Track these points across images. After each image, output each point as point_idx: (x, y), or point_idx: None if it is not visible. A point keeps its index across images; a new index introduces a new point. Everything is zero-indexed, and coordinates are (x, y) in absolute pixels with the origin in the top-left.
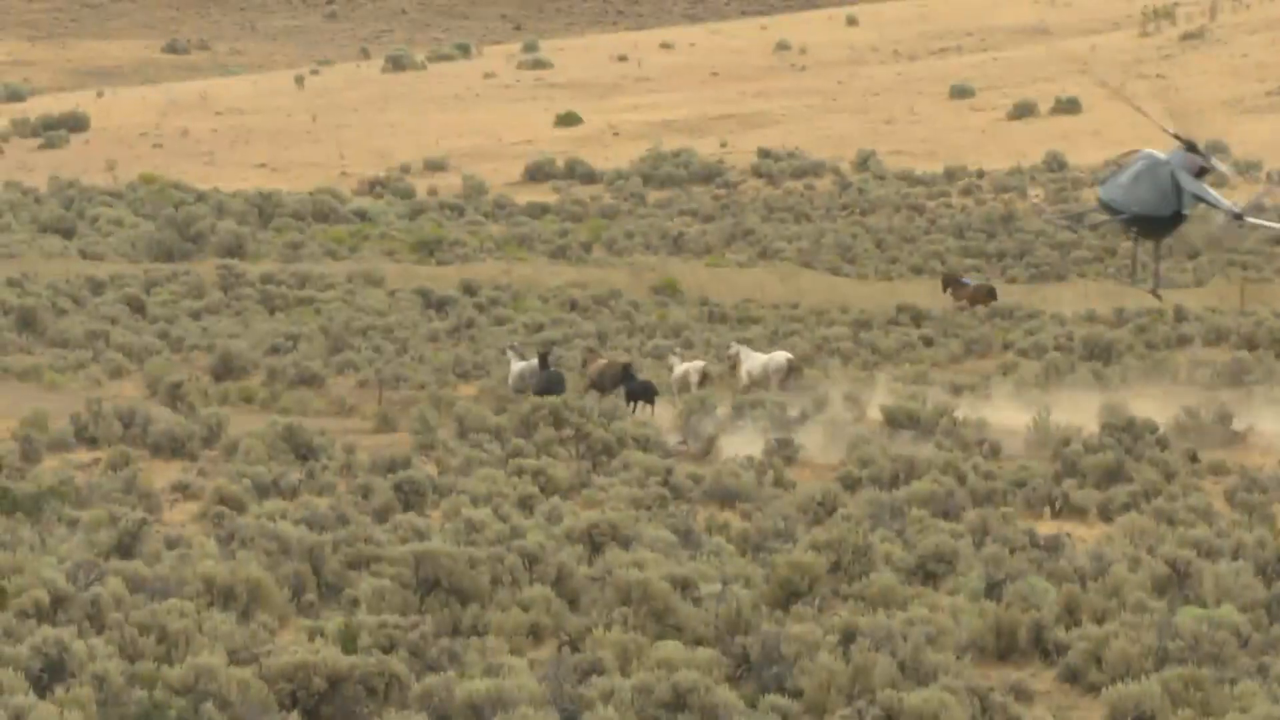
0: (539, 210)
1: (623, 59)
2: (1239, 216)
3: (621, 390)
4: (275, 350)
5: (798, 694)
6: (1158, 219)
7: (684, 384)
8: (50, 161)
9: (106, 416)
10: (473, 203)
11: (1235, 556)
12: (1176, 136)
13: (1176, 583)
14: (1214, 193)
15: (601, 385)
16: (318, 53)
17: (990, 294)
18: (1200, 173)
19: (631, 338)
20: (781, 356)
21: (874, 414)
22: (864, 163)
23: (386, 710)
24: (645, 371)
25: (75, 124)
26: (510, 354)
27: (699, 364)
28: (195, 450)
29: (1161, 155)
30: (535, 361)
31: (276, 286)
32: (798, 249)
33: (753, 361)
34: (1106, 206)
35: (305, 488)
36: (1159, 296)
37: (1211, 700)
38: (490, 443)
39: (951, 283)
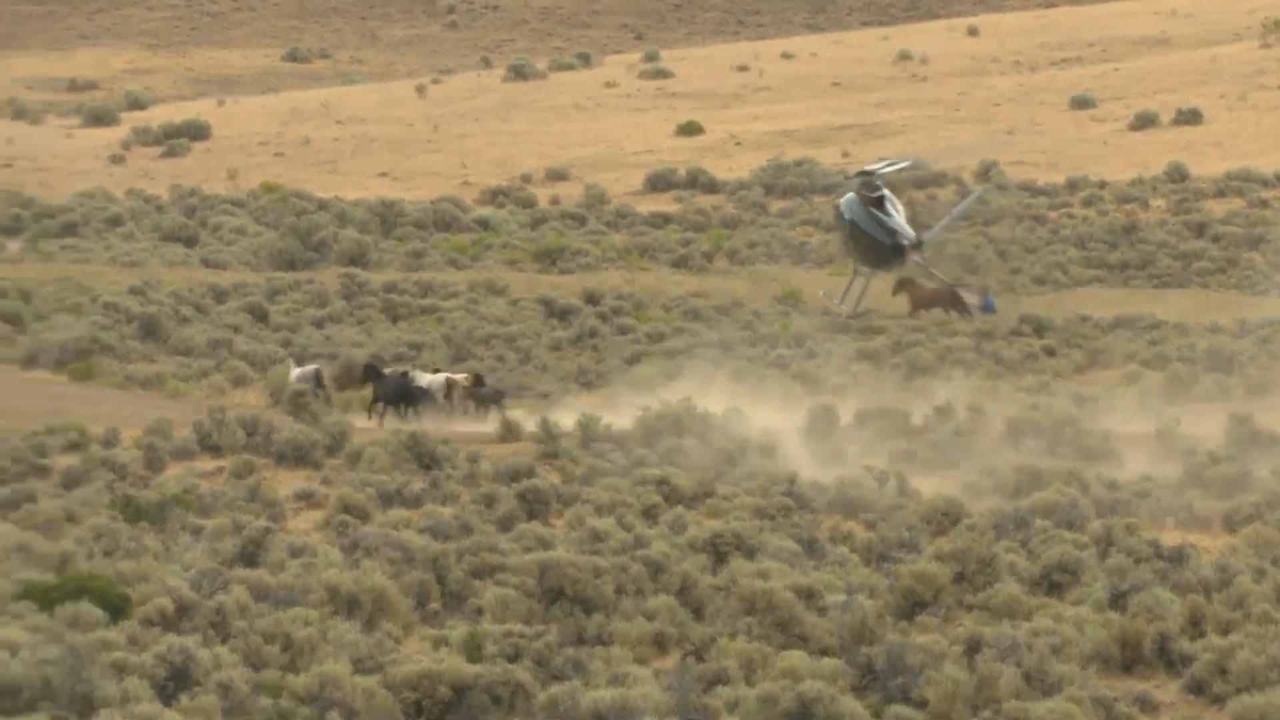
0: (661, 220)
1: (744, 69)
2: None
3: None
4: (399, 359)
5: (922, 704)
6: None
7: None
8: (172, 170)
9: (230, 425)
10: (594, 212)
11: None
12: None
13: None
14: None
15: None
16: (439, 62)
17: (953, 299)
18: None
19: (754, 347)
20: (441, 377)
21: (998, 424)
22: (986, 173)
23: (511, 719)
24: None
25: (196, 132)
26: (289, 360)
27: (441, 377)
28: (319, 459)
29: (851, 197)
30: (312, 367)
31: (399, 295)
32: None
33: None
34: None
35: (429, 497)
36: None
37: None
38: (614, 451)
39: (907, 285)
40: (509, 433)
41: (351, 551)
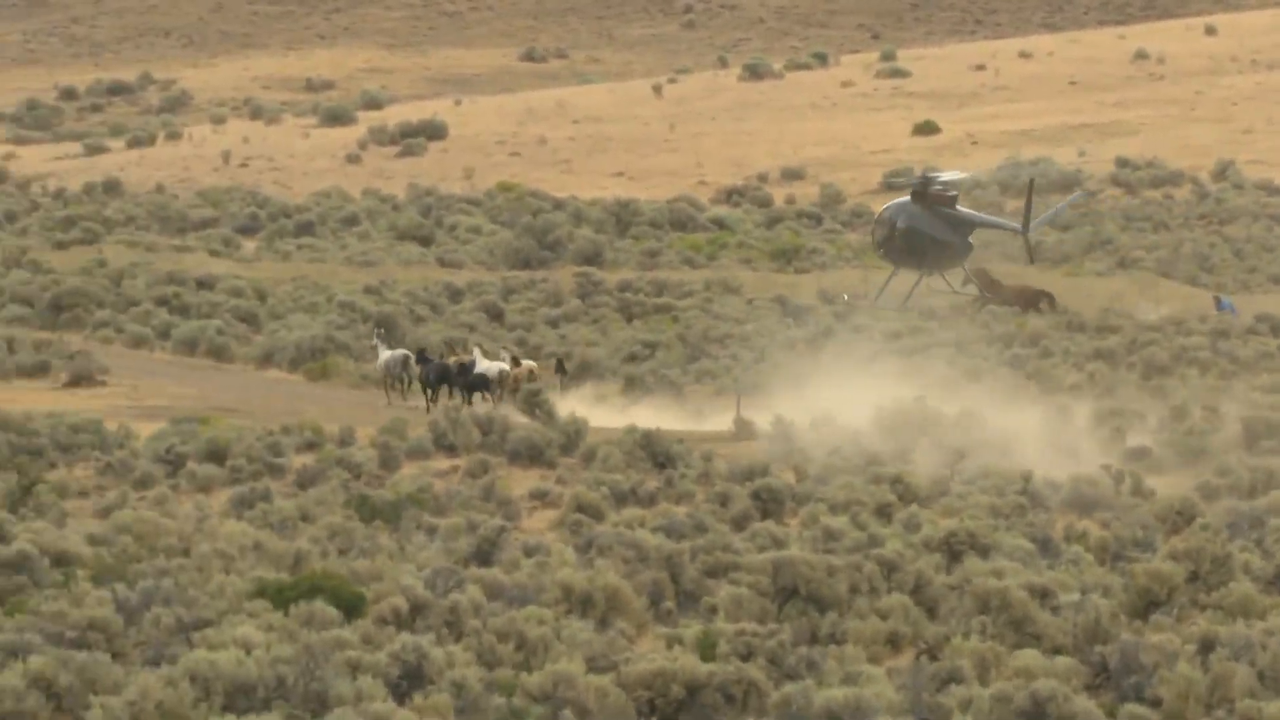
0: None
1: (980, 68)
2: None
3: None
4: (633, 358)
5: (1156, 703)
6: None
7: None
8: (408, 169)
9: (465, 424)
10: (830, 211)
11: None
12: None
13: None
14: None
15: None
16: (675, 61)
17: (1036, 296)
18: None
19: (990, 346)
20: (496, 366)
21: (1233, 424)
22: (1222, 172)
23: (745, 718)
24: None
25: (433, 132)
26: (378, 342)
27: (496, 365)
28: (553, 458)
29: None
30: (402, 351)
31: (634, 294)
32: (1156, 258)
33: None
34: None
35: (663, 496)
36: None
37: None
38: (848, 450)
39: (984, 280)
40: (743, 431)
41: (586, 550)
